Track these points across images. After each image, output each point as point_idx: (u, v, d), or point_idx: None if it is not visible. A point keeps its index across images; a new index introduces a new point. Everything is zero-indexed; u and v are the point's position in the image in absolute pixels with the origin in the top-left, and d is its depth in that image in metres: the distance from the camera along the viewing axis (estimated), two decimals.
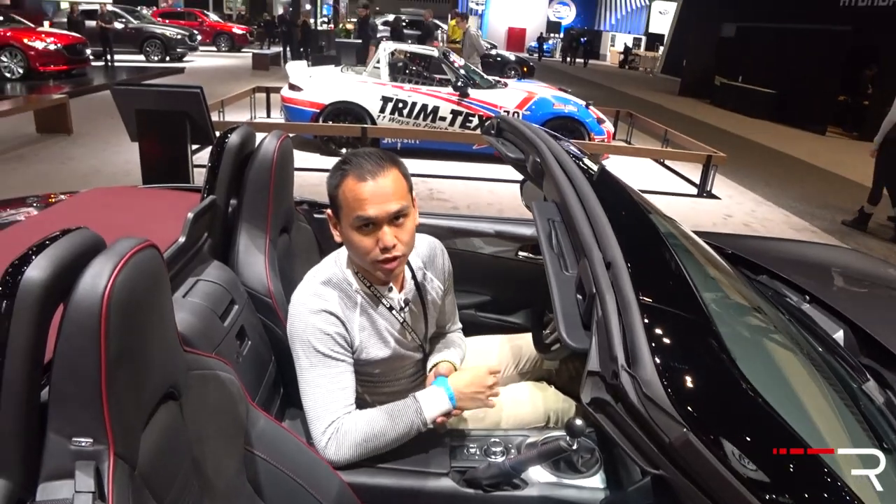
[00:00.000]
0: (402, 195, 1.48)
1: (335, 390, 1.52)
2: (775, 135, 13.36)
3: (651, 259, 1.35)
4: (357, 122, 7.86)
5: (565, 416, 1.87)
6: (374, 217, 1.44)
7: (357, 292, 1.61)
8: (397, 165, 1.51)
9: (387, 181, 1.46)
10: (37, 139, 8.26)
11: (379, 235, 1.46)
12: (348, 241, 1.52)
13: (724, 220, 6.67)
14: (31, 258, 0.86)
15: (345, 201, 1.47)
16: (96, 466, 0.91)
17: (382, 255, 1.48)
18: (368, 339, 1.61)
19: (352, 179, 1.45)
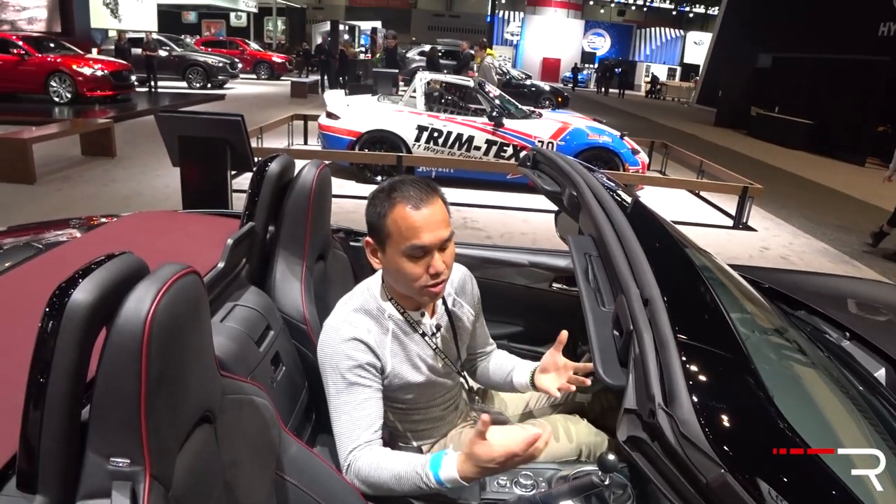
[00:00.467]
0: (448, 221, 1.52)
1: (360, 417, 1.52)
2: (813, 166, 13.18)
3: (688, 296, 1.34)
4: (393, 150, 7.95)
5: (597, 451, 1.84)
6: (428, 245, 1.47)
7: (389, 319, 1.61)
8: (439, 193, 1.54)
9: (436, 209, 1.49)
10: (82, 161, 8.50)
11: (430, 262, 1.49)
12: (395, 269, 1.52)
13: (760, 252, 6.56)
14: (77, 281, 0.88)
15: (396, 229, 1.48)
16: (132, 487, 0.93)
17: (432, 281, 1.50)
18: (400, 365, 1.61)
19: (402, 207, 1.47)
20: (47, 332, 0.87)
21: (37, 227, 2.37)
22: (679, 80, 34.36)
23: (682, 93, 30.14)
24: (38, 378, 0.87)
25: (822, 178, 11.65)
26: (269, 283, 1.87)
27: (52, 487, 0.91)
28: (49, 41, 14.81)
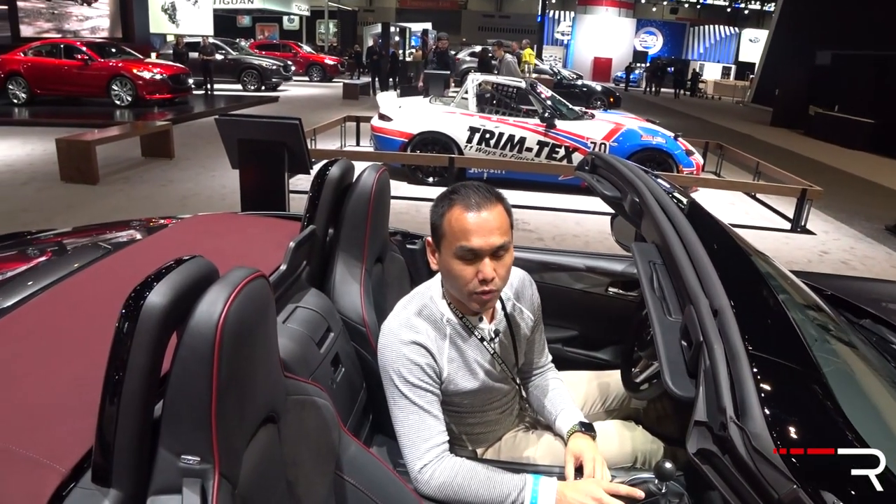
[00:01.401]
0: (505, 231, 1.50)
1: (428, 418, 1.54)
2: (875, 167, 12.68)
3: (757, 306, 1.32)
4: (445, 151, 7.97)
5: (653, 458, 1.82)
6: (477, 248, 1.47)
7: (447, 323, 1.62)
8: (502, 201, 1.53)
9: (492, 215, 1.48)
10: (141, 162, 8.77)
11: (479, 267, 1.48)
12: (447, 270, 1.54)
13: (819, 257, 6.36)
14: (152, 284, 0.91)
15: (450, 230, 1.50)
16: (202, 484, 0.96)
17: (480, 287, 1.49)
18: (457, 370, 1.62)
19: (459, 209, 1.48)
20: (123, 332, 0.90)
21: (100, 228, 2.45)
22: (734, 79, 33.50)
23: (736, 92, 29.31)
24: (114, 376, 0.91)
25: (884, 179, 11.19)
26: (329, 286, 1.90)
27: (125, 482, 0.94)
28: (111, 46, 15.33)
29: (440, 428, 1.55)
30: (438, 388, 1.60)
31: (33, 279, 1.66)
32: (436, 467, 1.50)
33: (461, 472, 1.49)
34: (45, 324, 1.38)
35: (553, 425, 1.80)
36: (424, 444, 1.52)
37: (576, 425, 1.69)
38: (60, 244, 2.26)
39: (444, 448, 1.54)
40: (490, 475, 1.48)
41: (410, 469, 1.52)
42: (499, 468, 1.53)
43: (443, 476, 1.48)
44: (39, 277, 1.66)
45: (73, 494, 0.93)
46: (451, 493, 1.48)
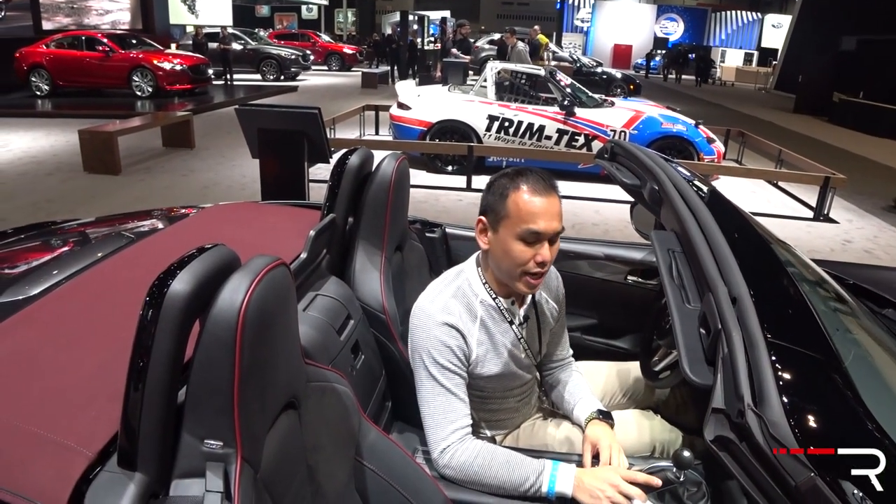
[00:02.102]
0: (562, 218, 1.55)
1: (454, 400, 1.56)
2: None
3: (776, 294, 1.31)
4: (464, 140, 7.96)
5: (671, 447, 1.82)
6: (542, 231, 1.50)
7: (481, 304, 1.64)
8: (557, 191, 1.58)
9: (554, 202, 1.53)
10: (162, 153, 8.86)
11: (538, 250, 1.52)
12: (505, 250, 1.55)
13: (842, 246, 6.28)
14: (175, 272, 0.93)
15: (515, 210, 1.52)
16: (225, 468, 0.97)
17: (536, 269, 1.53)
18: (485, 353, 1.64)
19: (527, 192, 1.52)
20: (147, 319, 0.91)
21: (122, 218, 2.48)
22: (756, 65, 32.97)
23: (759, 78, 28.84)
24: (138, 363, 0.92)
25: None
26: (349, 274, 1.91)
27: (150, 466, 0.96)
28: (131, 38, 15.44)
29: (465, 411, 1.57)
30: (466, 370, 1.61)
31: (58, 268, 1.68)
32: (457, 448, 1.52)
33: (481, 454, 1.50)
34: (70, 312, 1.41)
35: (571, 414, 1.81)
36: (450, 426, 1.54)
37: (593, 413, 1.70)
38: (84, 234, 2.29)
39: (467, 431, 1.55)
40: (510, 459, 1.50)
41: (432, 450, 1.54)
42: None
43: (463, 457, 1.50)
44: (64, 267, 1.69)
45: (100, 477, 0.95)
46: (472, 475, 1.49)
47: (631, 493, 1.41)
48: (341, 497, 1.33)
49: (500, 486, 1.48)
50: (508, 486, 1.48)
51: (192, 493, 0.96)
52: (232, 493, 0.96)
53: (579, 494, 1.43)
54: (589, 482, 1.43)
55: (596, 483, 1.43)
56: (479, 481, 1.50)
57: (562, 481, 1.45)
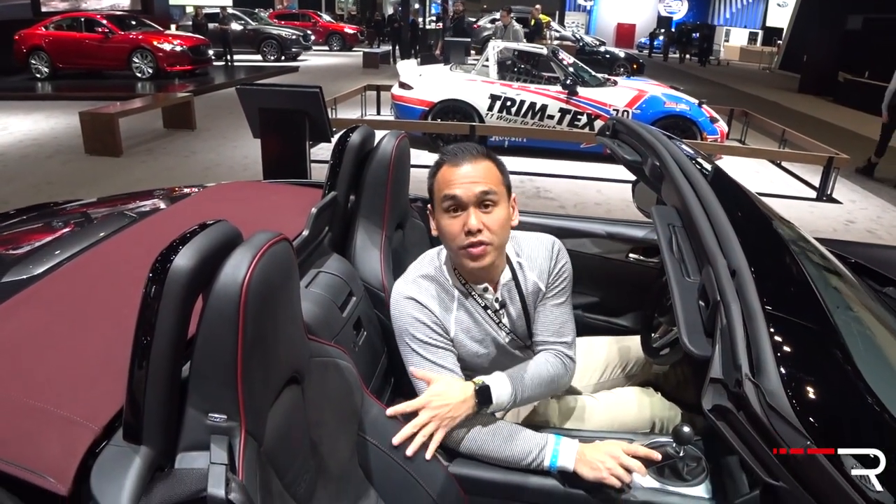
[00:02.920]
0: (492, 182, 1.51)
1: (443, 373, 1.55)
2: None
3: (776, 268, 1.31)
4: (466, 120, 7.93)
5: (670, 424, 1.83)
6: (459, 196, 1.48)
7: (454, 287, 1.63)
8: (492, 159, 1.55)
9: (476, 167, 1.50)
10: (164, 134, 8.84)
11: (464, 218, 1.49)
12: (440, 229, 1.55)
13: (845, 226, 6.26)
14: (178, 248, 0.93)
15: (437, 186, 1.53)
16: (229, 441, 0.99)
17: (467, 240, 1.49)
18: (465, 334, 1.63)
19: (445, 167, 1.52)
20: (150, 296, 0.92)
21: (124, 198, 2.48)
22: (761, 45, 32.64)
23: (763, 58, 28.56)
24: (142, 338, 0.93)
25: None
26: (350, 251, 1.92)
27: (155, 439, 0.97)
28: (131, 19, 15.33)
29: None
30: (450, 343, 1.61)
31: (61, 248, 1.69)
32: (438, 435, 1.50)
33: (484, 426, 1.51)
34: (73, 291, 1.42)
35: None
36: None
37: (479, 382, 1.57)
38: (86, 214, 2.30)
39: None
40: (513, 432, 1.50)
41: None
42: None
43: (464, 430, 1.50)
44: (67, 246, 1.70)
45: (107, 451, 0.97)
46: (474, 448, 1.50)
47: (631, 465, 1.42)
48: (344, 471, 1.34)
49: (503, 459, 1.49)
50: (511, 460, 1.48)
51: (197, 465, 0.97)
52: (236, 465, 0.98)
53: (581, 467, 1.44)
54: (591, 455, 1.44)
55: (598, 456, 1.44)
56: (481, 455, 1.50)
57: (564, 455, 1.46)
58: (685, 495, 1.49)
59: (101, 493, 0.92)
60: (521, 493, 1.54)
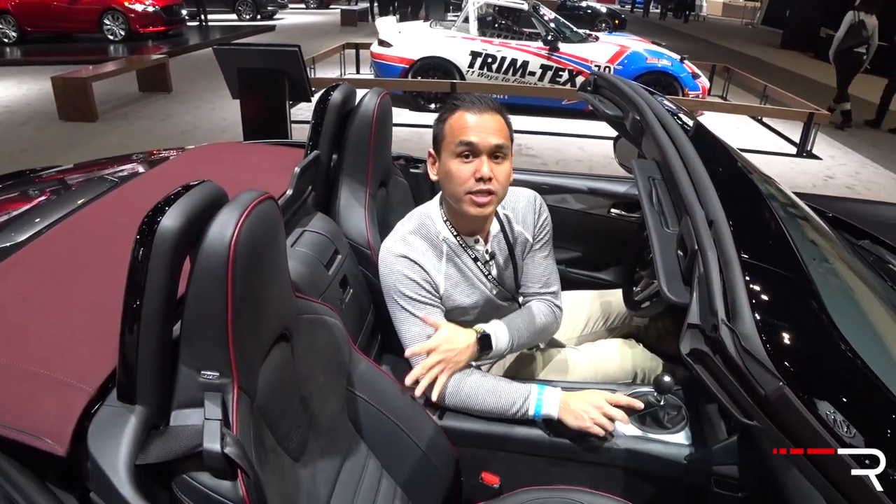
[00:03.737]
0: (505, 136, 1.54)
1: (429, 330, 1.57)
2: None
3: (752, 218, 1.34)
4: (446, 77, 7.86)
5: (652, 374, 1.87)
6: (475, 143, 1.50)
7: (444, 241, 1.64)
8: (503, 113, 1.56)
9: (492, 118, 1.52)
10: (139, 98, 8.68)
11: (477, 165, 1.51)
12: (446, 172, 1.55)
13: (824, 181, 6.32)
14: (164, 209, 0.93)
15: (450, 130, 1.53)
16: (222, 398, 1.00)
17: (477, 186, 1.51)
18: (454, 288, 1.65)
19: (460, 112, 1.53)
20: (139, 258, 0.92)
21: (102, 164, 2.45)
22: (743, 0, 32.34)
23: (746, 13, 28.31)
24: (132, 300, 0.94)
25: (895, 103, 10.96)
26: (335, 210, 1.92)
27: (149, 398, 0.99)
28: None
29: None
30: (438, 300, 1.63)
31: (41, 216, 1.67)
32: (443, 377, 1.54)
33: (468, 381, 1.54)
34: (59, 256, 1.41)
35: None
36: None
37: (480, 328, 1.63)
38: (64, 181, 2.27)
39: None
40: (496, 385, 1.53)
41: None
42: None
43: (450, 386, 1.53)
44: (48, 213, 1.68)
45: (102, 412, 0.98)
46: (459, 402, 1.54)
47: (615, 414, 1.46)
48: (334, 425, 1.37)
49: (489, 411, 1.53)
50: (496, 411, 1.52)
51: (192, 422, 0.99)
52: (230, 420, 1.00)
53: (564, 416, 1.48)
54: (574, 404, 1.48)
55: (581, 405, 1.48)
56: (466, 408, 1.54)
57: (548, 403, 1.50)
58: (666, 442, 1.54)
59: (99, 453, 0.94)
60: (508, 444, 1.59)
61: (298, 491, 1.20)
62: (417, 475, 1.50)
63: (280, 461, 1.16)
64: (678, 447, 1.53)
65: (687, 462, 1.51)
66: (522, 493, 1.57)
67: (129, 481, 0.92)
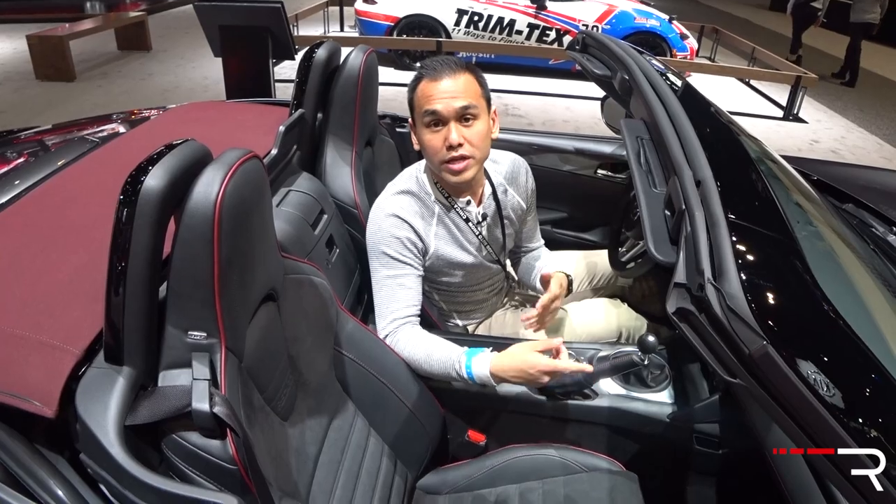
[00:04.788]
0: (472, 95, 1.50)
1: (400, 293, 1.57)
2: (876, 56, 12.25)
3: (739, 179, 1.34)
4: (432, 35, 7.75)
5: (636, 334, 1.90)
6: (440, 111, 1.48)
7: (435, 202, 1.64)
8: (472, 71, 1.53)
9: (457, 81, 1.49)
10: (118, 56, 8.49)
11: (445, 133, 1.49)
12: (421, 143, 1.56)
13: (810, 145, 6.33)
14: (147, 169, 0.91)
15: (417, 101, 1.52)
16: (210, 358, 1.00)
17: (448, 154, 1.50)
18: (445, 247, 1.66)
19: (425, 80, 1.50)
20: (123, 219, 0.91)
21: (81, 124, 2.40)
22: None
23: None
24: (117, 261, 0.92)
25: (883, 69, 10.91)
26: (320, 169, 1.90)
27: (136, 359, 0.98)
28: None
29: (410, 301, 1.58)
30: (421, 264, 1.63)
31: (22, 177, 1.64)
32: (396, 337, 1.55)
33: (410, 343, 1.52)
34: (41, 218, 1.39)
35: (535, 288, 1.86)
36: (390, 315, 1.56)
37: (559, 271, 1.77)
38: (43, 142, 2.23)
39: (405, 320, 1.56)
40: (430, 351, 1.49)
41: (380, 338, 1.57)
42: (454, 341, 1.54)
43: (398, 346, 1.54)
44: (29, 174, 1.65)
45: (89, 373, 0.98)
46: (410, 363, 1.53)
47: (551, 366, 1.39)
48: (322, 384, 1.38)
49: (435, 375, 1.51)
50: (441, 377, 1.50)
51: (180, 382, 0.99)
52: (218, 380, 0.99)
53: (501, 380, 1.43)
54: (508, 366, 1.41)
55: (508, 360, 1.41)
56: (419, 369, 1.53)
57: (477, 365, 1.43)
58: (649, 400, 1.57)
59: (88, 414, 0.93)
60: (493, 402, 1.61)
61: (287, 449, 1.21)
62: (404, 433, 1.51)
63: (269, 420, 1.16)
64: (661, 405, 1.56)
65: (669, 420, 1.54)
66: (508, 450, 1.60)
67: (119, 442, 0.92)
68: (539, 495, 1.50)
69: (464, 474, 1.59)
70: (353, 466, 1.38)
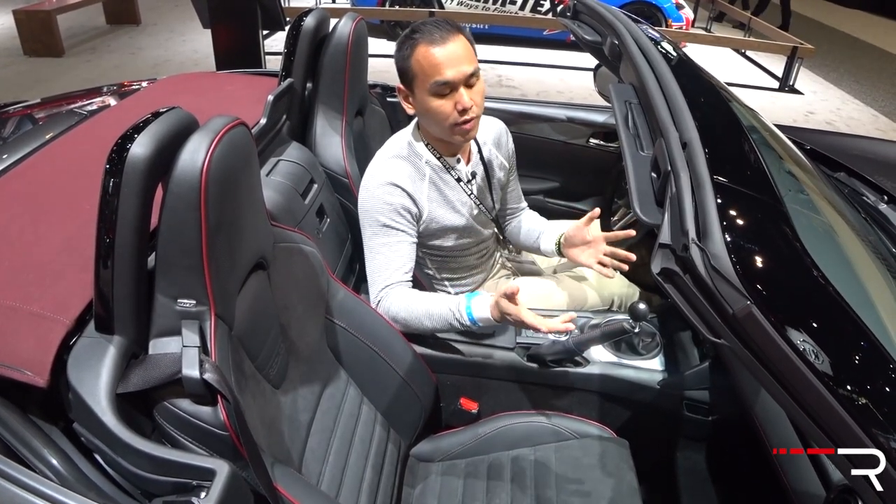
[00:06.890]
0: (472, 58, 1.52)
1: (392, 258, 1.58)
2: (872, 27, 12.14)
3: (727, 142, 1.33)
4: (424, 5, 7.67)
5: (628, 302, 1.91)
6: (452, 80, 1.48)
7: (427, 164, 1.65)
8: (462, 31, 1.53)
9: (458, 45, 1.49)
10: (107, 31, 8.37)
11: (456, 98, 1.50)
12: (425, 110, 1.54)
13: (805, 117, 6.30)
14: (133, 137, 0.91)
15: (420, 69, 1.50)
16: (200, 325, 1.01)
17: (461, 118, 1.51)
18: (437, 209, 1.66)
19: (424, 46, 1.49)
20: (109, 188, 0.90)
21: (70, 98, 2.38)
22: None
23: None
24: (105, 230, 0.92)
25: (880, 40, 10.76)
26: (310, 139, 1.89)
27: (127, 328, 0.99)
28: None
29: (402, 267, 1.59)
30: (414, 229, 1.63)
31: (10, 150, 1.63)
32: (390, 300, 1.56)
33: (405, 301, 1.54)
34: (30, 189, 1.38)
35: (540, 248, 1.89)
36: (383, 282, 1.58)
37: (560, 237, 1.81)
38: (32, 115, 2.21)
39: (397, 283, 1.58)
40: (429, 304, 1.52)
41: (372, 303, 1.58)
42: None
43: (392, 307, 1.55)
44: (18, 147, 1.64)
45: (80, 343, 0.98)
46: (404, 323, 1.55)
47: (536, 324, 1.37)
48: (314, 353, 1.38)
49: (432, 328, 1.54)
50: (439, 327, 1.52)
51: (171, 350, 0.99)
52: (208, 347, 1.00)
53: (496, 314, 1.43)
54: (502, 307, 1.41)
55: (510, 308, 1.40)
56: (413, 328, 1.55)
57: (477, 307, 1.45)
58: (640, 368, 1.58)
59: (79, 383, 0.94)
60: (485, 370, 1.62)
61: (279, 417, 1.22)
62: (397, 401, 1.53)
63: (260, 388, 1.17)
64: (651, 373, 1.57)
65: (660, 387, 1.55)
66: (500, 417, 1.62)
67: (111, 410, 0.93)
68: (531, 462, 1.52)
69: (457, 442, 1.61)
70: (346, 434, 1.40)
